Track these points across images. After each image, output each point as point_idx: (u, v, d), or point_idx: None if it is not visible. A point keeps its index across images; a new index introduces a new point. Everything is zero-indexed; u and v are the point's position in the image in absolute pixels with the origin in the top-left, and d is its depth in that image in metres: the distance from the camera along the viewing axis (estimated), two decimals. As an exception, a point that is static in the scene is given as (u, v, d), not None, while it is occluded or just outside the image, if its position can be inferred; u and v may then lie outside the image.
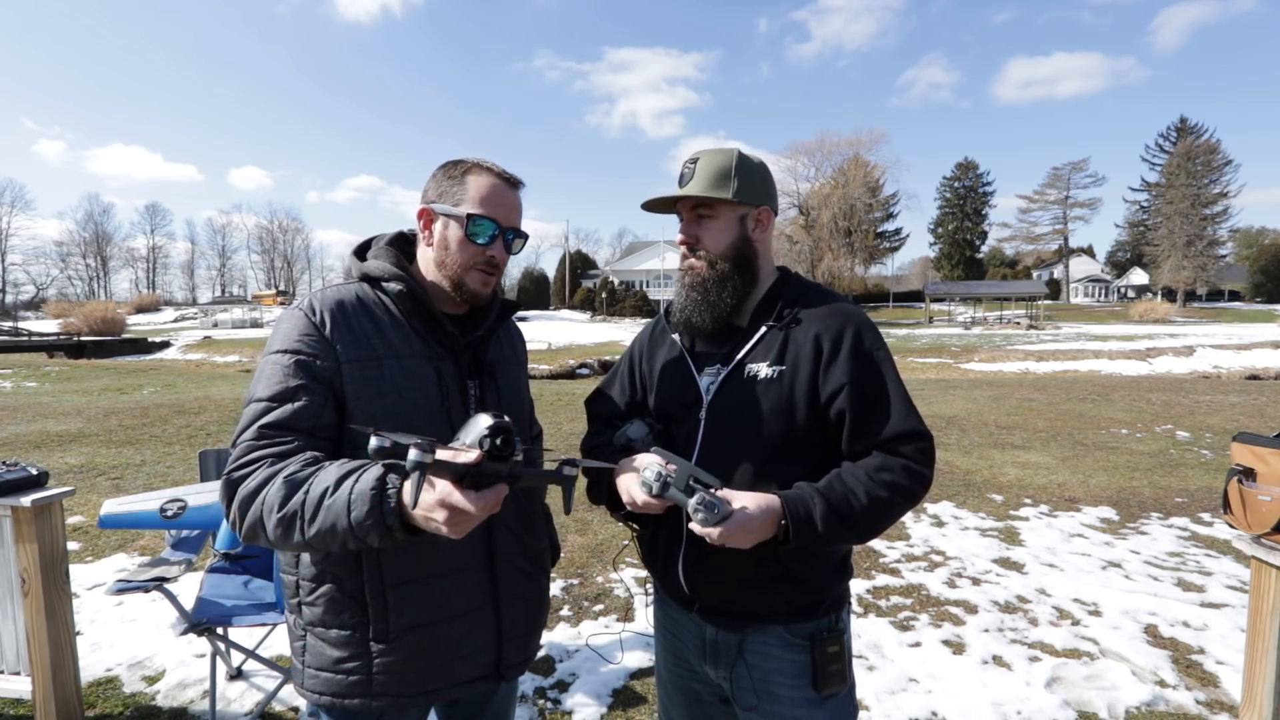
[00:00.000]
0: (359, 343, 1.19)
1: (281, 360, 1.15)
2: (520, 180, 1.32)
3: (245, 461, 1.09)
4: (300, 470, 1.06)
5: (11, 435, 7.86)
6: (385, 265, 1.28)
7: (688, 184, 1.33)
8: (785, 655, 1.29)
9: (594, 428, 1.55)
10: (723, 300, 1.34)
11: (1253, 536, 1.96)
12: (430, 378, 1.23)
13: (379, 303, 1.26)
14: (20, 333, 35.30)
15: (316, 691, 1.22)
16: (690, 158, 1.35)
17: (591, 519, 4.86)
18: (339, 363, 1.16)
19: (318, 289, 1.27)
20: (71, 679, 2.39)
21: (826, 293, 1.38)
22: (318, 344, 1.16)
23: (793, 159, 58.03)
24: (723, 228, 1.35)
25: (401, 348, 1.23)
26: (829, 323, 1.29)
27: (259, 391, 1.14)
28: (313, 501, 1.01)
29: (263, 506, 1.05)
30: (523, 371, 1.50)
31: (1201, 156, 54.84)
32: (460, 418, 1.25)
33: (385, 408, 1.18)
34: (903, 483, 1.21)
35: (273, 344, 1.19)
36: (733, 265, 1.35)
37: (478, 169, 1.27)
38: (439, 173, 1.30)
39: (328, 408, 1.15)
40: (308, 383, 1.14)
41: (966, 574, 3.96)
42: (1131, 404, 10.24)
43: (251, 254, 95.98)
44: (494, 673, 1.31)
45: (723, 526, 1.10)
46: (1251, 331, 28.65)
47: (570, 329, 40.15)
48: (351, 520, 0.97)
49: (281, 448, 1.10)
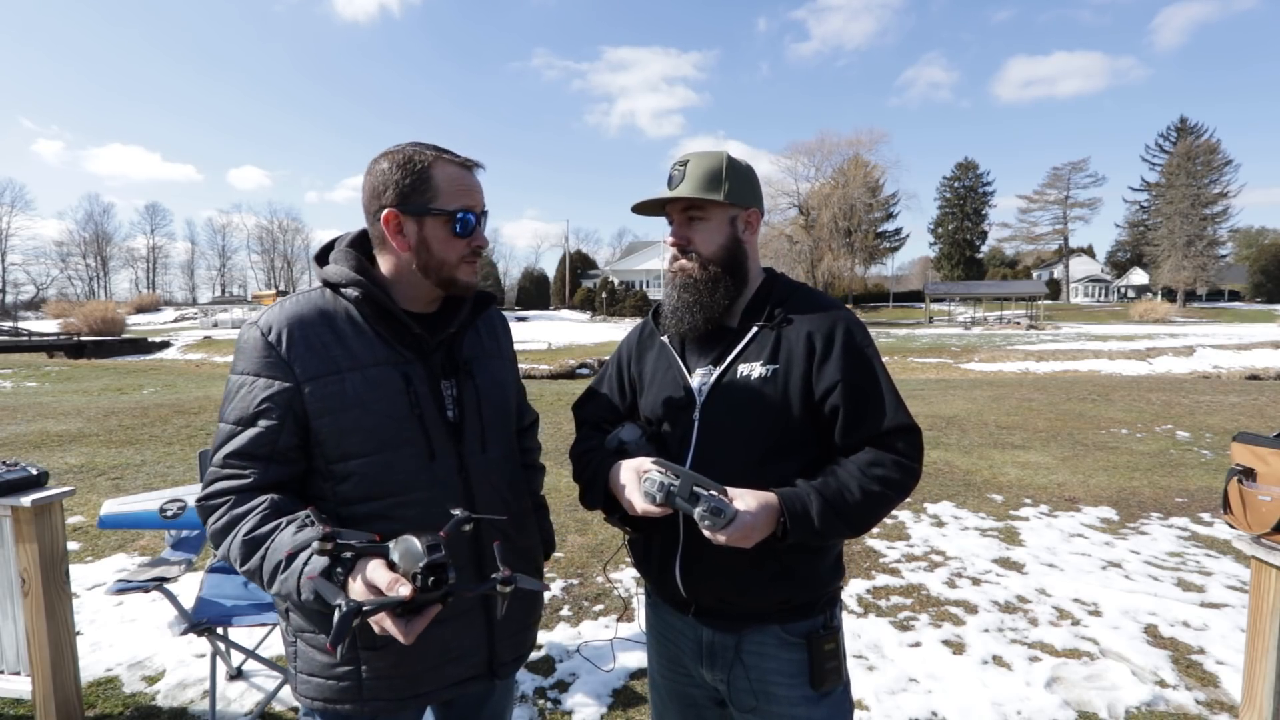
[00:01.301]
0: (318, 358, 1.17)
1: (243, 382, 1.17)
2: (480, 163, 1.28)
3: (212, 493, 1.16)
4: (258, 528, 1.10)
5: (11, 435, 7.86)
6: (343, 270, 1.23)
7: (678, 186, 1.33)
8: (782, 654, 1.30)
9: (583, 432, 1.53)
10: (715, 301, 1.35)
11: (1253, 536, 1.95)
12: (397, 384, 1.21)
13: (340, 311, 1.22)
14: (20, 333, 35.28)
15: (309, 696, 1.23)
16: (679, 159, 1.36)
17: (591, 519, 4.86)
18: (299, 382, 1.16)
19: (279, 301, 1.25)
20: (71, 679, 2.39)
21: (813, 292, 1.40)
22: (274, 365, 1.16)
23: (793, 159, 58.07)
24: (714, 229, 1.36)
25: (364, 357, 1.20)
26: (820, 321, 1.31)
27: (225, 412, 1.19)
28: (269, 570, 1.07)
29: (229, 552, 1.12)
30: (507, 364, 1.47)
31: (1201, 156, 54.84)
32: (435, 422, 1.24)
33: (350, 421, 1.17)
34: (894, 476, 1.24)
35: (235, 363, 1.20)
36: (724, 267, 1.36)
37: (440, 161, 1.22)
38: (390, 170, 1.20)
39: (285, 431, 1.16)
40: (265, 408, 1.15)
41: (966, 574, 3.96)
42: (1131, 404, 10.23)
43: (251, 254, 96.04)
44: (487, 672, 1.31)
45: (729, 529, 1.11)
46: (1251, 331, 28.66)
47: (570, 329, 40.16)
48: (302, 600, 1.03)
49: (241, 481, 1.15)
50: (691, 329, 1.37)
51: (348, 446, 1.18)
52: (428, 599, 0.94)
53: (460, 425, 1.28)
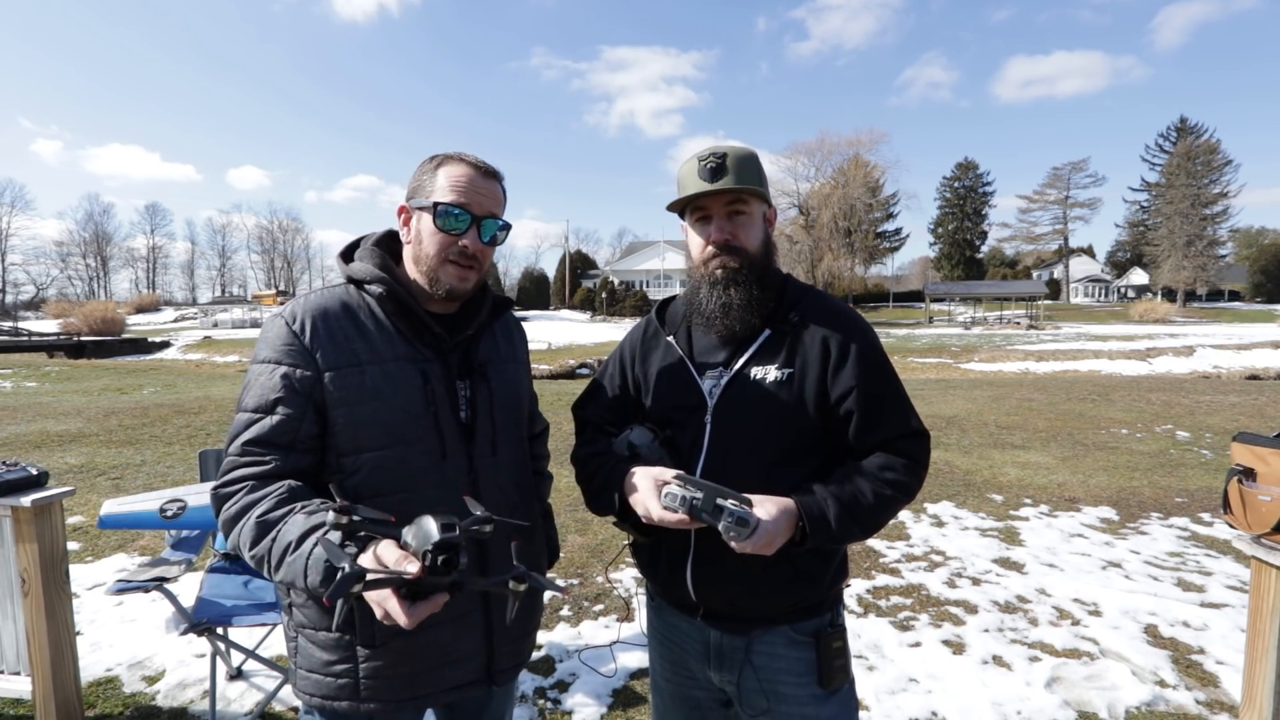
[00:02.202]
0: (340, 349, 1.19)
1: (264, 370, 1.18)
2: (496, 171, 1.29)
3: (229, 480, 1.14)
4: (272, 510, 1.09)
5: (11, 435, 7.86)
6: (368, 267, 1.26)
7: (724, 178, 1.27)
8: (792, 654, 1.31)
9: (587, 435, 1.50)
10: (764, 299, 1.32)
11: (1253, 536, 1.95)
12: (415, 381, 1.22)
13: (363, 306, 1.25)
14: (20, 333, 35.29)
15: (308, 693, 1.23)
16: (714, 152, 1.29)
17: (591, 520, 4.86)
18: (319, 371, 1.17)
19: (304, 294, 1.27)
20: (71, 679, 2.39)
21: (825, 296, 1.40)
22: (297, 353, 1.17)
23: (793, 159, 58.09)
24: (754, 225, 1.35)
25: (384, 351, 1.22)
26: (835, 326, 1.31)
27: (245, 400, 1.18)
28: (278, 552, 1.05)
29: (239, 538, 1.10)
30: (522, 368, 1.48)
31: (1201, 156, 54.83)
32: (448, 421, 1.24)
33: (366, 414, 1.18)
34: (905, 479, 1.26)
35: (258, 352, 1.20)
36: (765, 264, 1.35)
37: (450, 160, 1.25)
38: (418, 169, 1.29)
39: (306, 420, 1.16)
40: (286, 395, 1.15)
41: (966, 574, 3.96)
42: (1131, 404, 10.23)
43: (251, 254, 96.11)
44: (485, 678, 1.30)
45: (753, 539, 1.11)
46: (1251, 331, 28.65)
47: (570, 329, 40.15)
48: (308, 583, 1.02)
49: (261, 468, 1.14)
50: (727, 329, 1.33)
51: (362, 439, 1.18)
52: (436, 582, 0.90)
53: (472, 426, 1.28)
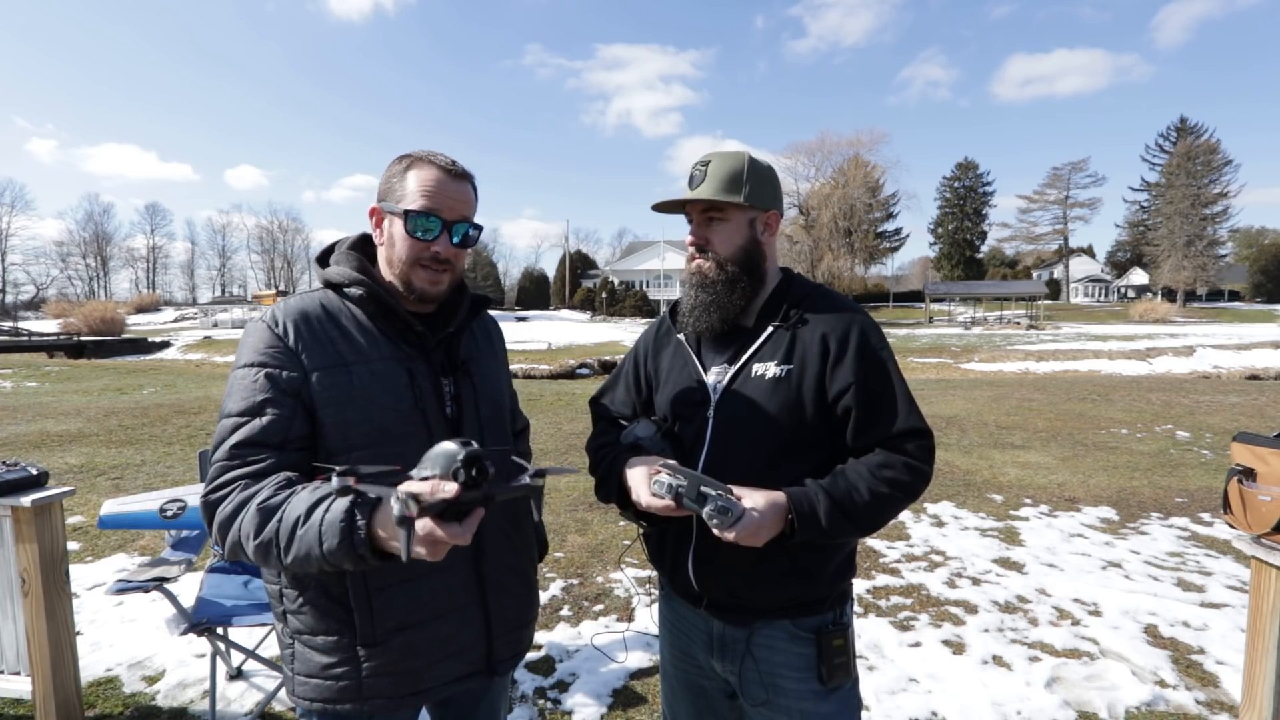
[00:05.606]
0: (325, 350, 1.18)
1: (248, 374, 1.16)
2: (466, 171, 1.28)
3: (219, 484, 1.11)
4: (272, 496, 1.06)
5: (11, 435, 7.86)
6: (345, 270, 1.26)
7: (699, 186, 1.34)
8: (792, 649, 1.32)
9: (600, 427, 1.57)
10: (732, 301, 1.37)
11: (1253, 536, 1.95)
12: (402, 379, 1.23)
13: (343, 309, 1.25)
14: (20, 333, 35.26)
15: (307, 698, 1.22)
16: (701, 160, 1.36)
17: (591, 519, 4.86)
18: (306, 372, 1.16)
19: (282, 299, 1.26)
20: (71, 679, 2.39)
21: (830, 293, 1.41)
22: (282, 355, 1.16)
23: (793, 159, 58.09)
24: (733, 230, 1.37)
25: (370, 352, 1.22)
26: (835, 323, 1.32)
27: (229, 406, 1.15)
28: (286, 530, 1.02)
29: (239, 532, 1.06)
30: (501, 366, 1.49)
31: (1201, 156, 54.80)
32: (436, 417, 1.25)
33: (356, 413, 1.18)
34: (904, 479, 1.25)
35: (240, 357, 1.19)
36: (741, 267, 1.37)
37: (420, 162, 1.24)
38: (387, 169, 1.27)
39: (296, 419, 1.15)
40: (275, 396, 1.14)
41: (966, 574, 3.96)
42: (1131, 404, 10.24)
43: (251, 254, 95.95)
44: (485, 668, 1.31)
45: (737, 528, 1.13)
46: (1251, 331, 28.66)
47: (570, 329, 40.15)
48: (324, 550, 0.99)
49: (254, 467, 1.11)
50: (708, 328, 1.39)
51: (352, 438, 1.18)
52: (472, 496, 0.91)
53: (459, 422, 1.29)
